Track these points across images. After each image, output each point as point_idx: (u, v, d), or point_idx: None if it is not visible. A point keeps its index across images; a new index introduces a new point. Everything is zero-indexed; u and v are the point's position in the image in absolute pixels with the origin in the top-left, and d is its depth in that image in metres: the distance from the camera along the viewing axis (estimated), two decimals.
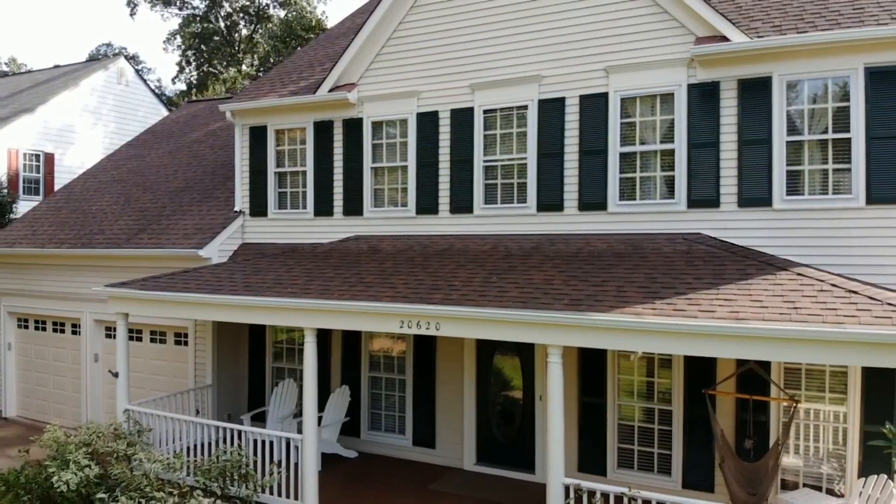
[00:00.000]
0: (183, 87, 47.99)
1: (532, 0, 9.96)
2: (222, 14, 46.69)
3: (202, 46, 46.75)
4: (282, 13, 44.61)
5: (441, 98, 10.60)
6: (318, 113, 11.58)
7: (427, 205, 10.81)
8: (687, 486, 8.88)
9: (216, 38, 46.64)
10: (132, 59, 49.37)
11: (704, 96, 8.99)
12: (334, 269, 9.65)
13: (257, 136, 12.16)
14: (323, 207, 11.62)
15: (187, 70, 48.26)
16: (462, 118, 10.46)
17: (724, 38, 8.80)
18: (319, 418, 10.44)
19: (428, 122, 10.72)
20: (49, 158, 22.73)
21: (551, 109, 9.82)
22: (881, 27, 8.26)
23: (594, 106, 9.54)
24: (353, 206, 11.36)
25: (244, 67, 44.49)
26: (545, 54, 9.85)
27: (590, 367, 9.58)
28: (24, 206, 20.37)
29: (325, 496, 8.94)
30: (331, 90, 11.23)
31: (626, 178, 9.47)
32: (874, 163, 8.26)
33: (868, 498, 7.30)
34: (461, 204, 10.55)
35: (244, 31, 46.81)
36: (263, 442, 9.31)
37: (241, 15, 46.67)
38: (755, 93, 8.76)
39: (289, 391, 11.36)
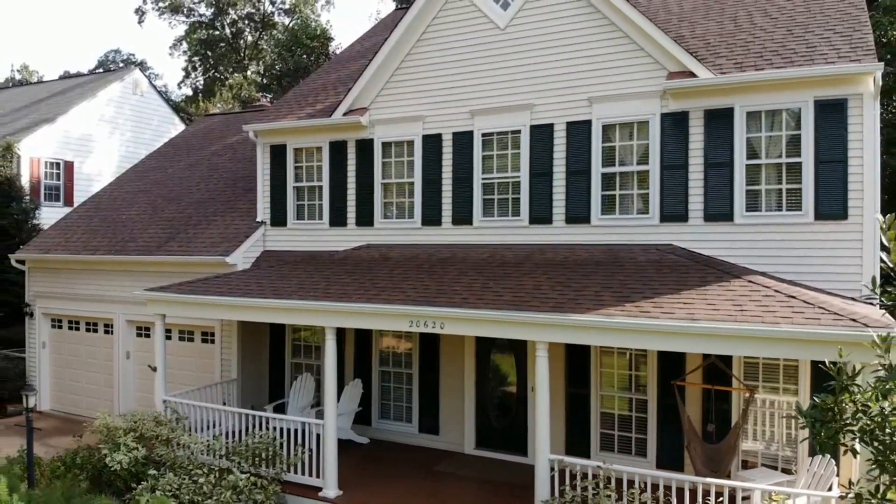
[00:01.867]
0: (189, 91, 49.28)
1: (525, 37, 11.23)
2: (228, 21, 47.92)
3: (208, 52, 48.02)
4: (287, 20, 45.89)
5: (444, 122, 11.88)
6: (333, 134, 12.86)
7: (431, 217, 12.07)
8: (660, 466, 10.10)
9: (222, 44, 47.90)
10: (140, 64, 50.68)
11: (675, 124, 10.25)
12: (350, 275, 10.91)
13: (278, 153, 13.43)
14: (337, 218, 12.89)
15: (193, 75, 49.56)
16: (463, 140, 11.73)
17: (693, 74, 10.06)
18: None
19: (432, 143, 11.99)
20: (69, 166, 23.95)
21: (541, 134, 11.09)
22: (828, 66, 9.52)
23: (579, 131, 10.81)
24: (365, 218, 12.63)
25: (249, 73, 45.67)
26: (536, 85, 11.12)
27: (576, 362, 10.85)
28: (45, 212, 21.60)
29: (342, 475, 10.18)
30: (345, 114, 12.50)
31: (606, 195, 10.74)
32: (821, 184, 9.51)
33: (814, 475, 8.55)
34: (462, 216, 11.81)
35: (249, 38, 48.05)
36: (289, 430, 10.53)
37: (247, 22, 47.92)
38: (719, 121, 10.03)
39: (306, 384, 12.63)
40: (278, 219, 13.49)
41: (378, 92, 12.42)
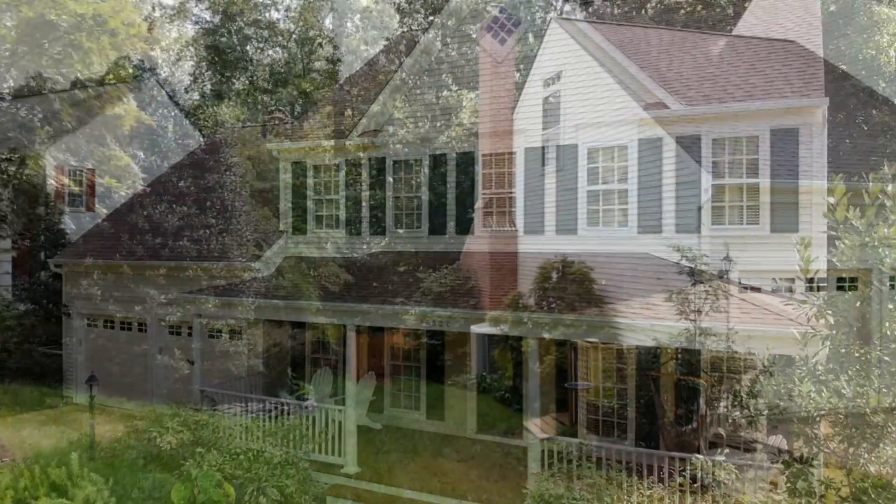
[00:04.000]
0: (196, 96, 50.59)
1: (519, 70, 12.71)
2: (234, 28, 49.21)
3: (215, 58, 49.35)
4: (292, 28, 47.27)
5: (448, 144, 13.36)
6: (348, 153, 14.34)
7: (437, 227, 13.56)
8: (638, 446, 11.57)
9: (229, 51, 49.22)
10: (151, 70, 52.05)
11: (651, 148, 11.72)
12: (365, 278, 12.39)
13: (298, 169, 14.94)
14: (353, 228, 14.39)
15: (200, 80, 50.89)
16: (465, 160, 13.23)
17: (666, 106, 11.53)
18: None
19: (438, 162, 13.48)
20: (90, 174, 25.30)
21: (535, 156, 12.59)
22: (781, 100, 10.99)
23: (567, 154, 12.30)
24: (378, 227, 14.12)
25: (256, 79, 46.95)
26: (529, 113, 12.60)
27: (566, 356, 12.32)
28: (68, 217, 23.00)
29: (360, 455, 11.66)
30: (360, 135, 13.99)
31: (591, 209, 12.22)
32: (776, 201, 10.97)
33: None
34: (464, 226, 13.31)
35: (256, 45, 49.34)
36: (312, 416, 11.99)
37: (253, 29, 49.22)
38: (688, 146, 11.48)
39: (325, 377, 14.10)
40: (299, 227, 14.99)
41: (388, 118, 13.90)
